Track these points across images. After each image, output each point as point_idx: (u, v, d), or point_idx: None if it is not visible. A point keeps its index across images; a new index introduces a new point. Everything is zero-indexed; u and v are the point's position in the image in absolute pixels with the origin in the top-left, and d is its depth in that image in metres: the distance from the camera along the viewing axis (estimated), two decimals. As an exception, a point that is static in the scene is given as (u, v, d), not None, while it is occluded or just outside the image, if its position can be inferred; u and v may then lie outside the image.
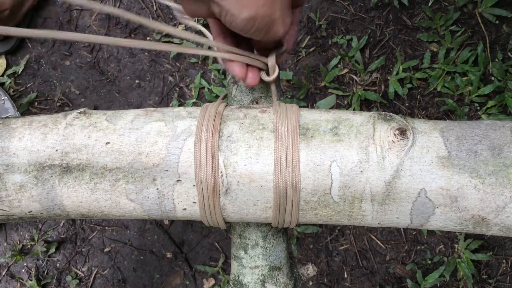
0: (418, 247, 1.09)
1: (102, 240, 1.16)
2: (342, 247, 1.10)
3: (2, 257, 1.17)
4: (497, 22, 1.11)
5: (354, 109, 1.12)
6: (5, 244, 1.18)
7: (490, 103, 1.07)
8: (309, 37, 1.17)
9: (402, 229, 1.10)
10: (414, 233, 1.09)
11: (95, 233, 1.17)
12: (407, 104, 1.13)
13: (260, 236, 0.45)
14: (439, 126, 0.38)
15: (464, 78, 1.10)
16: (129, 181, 0.37)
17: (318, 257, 1.11)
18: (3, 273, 1.16)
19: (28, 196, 0.38)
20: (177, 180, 0.37)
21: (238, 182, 0.36)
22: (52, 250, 1.15)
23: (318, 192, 0.36)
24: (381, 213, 0.37)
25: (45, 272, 1.16)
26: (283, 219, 0.38)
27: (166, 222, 1.15)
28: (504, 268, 1.06)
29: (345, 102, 1.14)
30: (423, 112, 1.12)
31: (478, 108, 1.10)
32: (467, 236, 1.06)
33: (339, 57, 1.15)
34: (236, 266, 0.46)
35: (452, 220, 0.37)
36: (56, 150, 0.38)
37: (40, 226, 1.18)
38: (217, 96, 1.16)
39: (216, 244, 1.14)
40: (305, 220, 0.40)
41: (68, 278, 1.14)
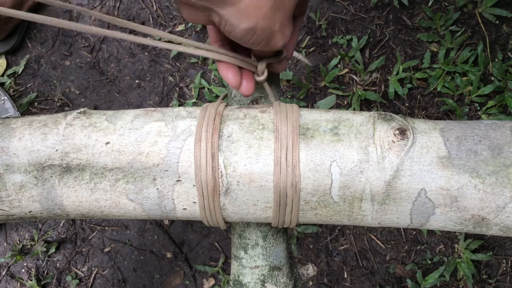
0: (418, 247, 1.09)
1: (102, 240, 1.16)
2: (342, 247, 1.10)
3: (2, 257, 1.17)
4: (497, 22, 1.11)
5: (354, 109, 1.12)
6: (5, 244, 1.18)
7: (490, 103, 1.07)
8: (309, 37, 1.17)
9: (402, 229, 1.10)
10: (414, 233, 1.09)
11: (95, 233, 1.17)
12: (407, 104, 1.13)
13: (260, 236, 0.45)
14: (439, 126, 0.38)
15: (464, 78, 1.10)
16: (129, 181, 0.37)
17: (318, 257, 1.11)
18: (3, 273, 1.16)
19: (28, 196, 0.38)
20: (177, 180, 0.37)
21: (238, 182, 0.36)
22: (52, 250, 1.15)
23: (318, 192, 0.36)
24: (381, 213, 0.37)
25: (45, 272, 1.16)
26: (283, 219, 0.38)
27: (166, 222, 1.15)
28: (504, 268, 1.06)
29: (345, 102, 1.14)
30: (423, 112, 1.12)
31: (478, 108, 1.10)
32: (467, 236, 1.06)
33: (339, 57, 1.15)
34: (236, 266, 0.46)
35: (452, 220, 0.37)
36: (56, 150, 0.38)
37: (40, 226, 1.18)
38: (217, 96, 1.16)
39: (216, 244, 1.14)
40: (305, 220, 0.40)
41: (68, 278, 1.14)
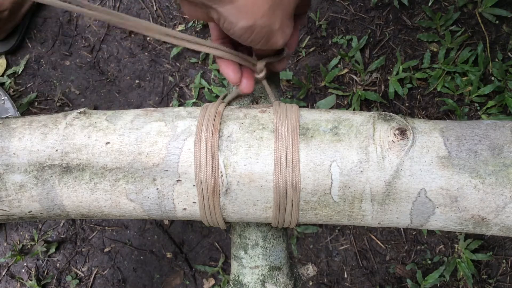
0: (418, 247, 1.09)
1: (102, 240, 1.16)
2: (342, 247, 1.10)
3: (2, 257, 1.16)
4: (497, 22, 1.11)
5: (354, 109, 1.12)
6: (5, 244, 1.18)
7: (490, 103, 1.07)
8: (309, 37, 1.17)
9: (402, 229, 1.10)
10: (414, 233, 1.09)
11: (95, 233, 1.17)
12: (407, 104, 1.13)
13: (260, 236, 0.45)
14: (439, 126, 0.38)
15: (464, 78, 1.10)
16: (129, 181, 0.37)
17: (318, 257, 1.11)
18: (3, 273, 1.16)
19: (28, 196, 0.38)
20: (177, 180, 0.37)
21: (238, 182, 0.36)
22: (52, 250, 1.15)
23: (318, 192, 0.36)
24: (381, 213, 0.37)
25: (45, 272, 1.16)
26: (283, 219, 0.38)
27: (166, 222, 1.15)
28: (504, 268, 1.06)
29: (345, 102, 1.14)
30: (423, 112, 1.12)
31: (478, 108, 1.10)
32: (467, 236, 1.06)
33: (339, 57, 1.15)
34: (236, 266, 0.46)
35: (452, 220, 0.37)
36: (56, 150, 0.38)
37: (40, 226, 1.18)
38: (217, 96, 1.16)
39: (216, 244, 1.14)
40: (305, 220, 0.39)
41: (68, 278, 1.14)
